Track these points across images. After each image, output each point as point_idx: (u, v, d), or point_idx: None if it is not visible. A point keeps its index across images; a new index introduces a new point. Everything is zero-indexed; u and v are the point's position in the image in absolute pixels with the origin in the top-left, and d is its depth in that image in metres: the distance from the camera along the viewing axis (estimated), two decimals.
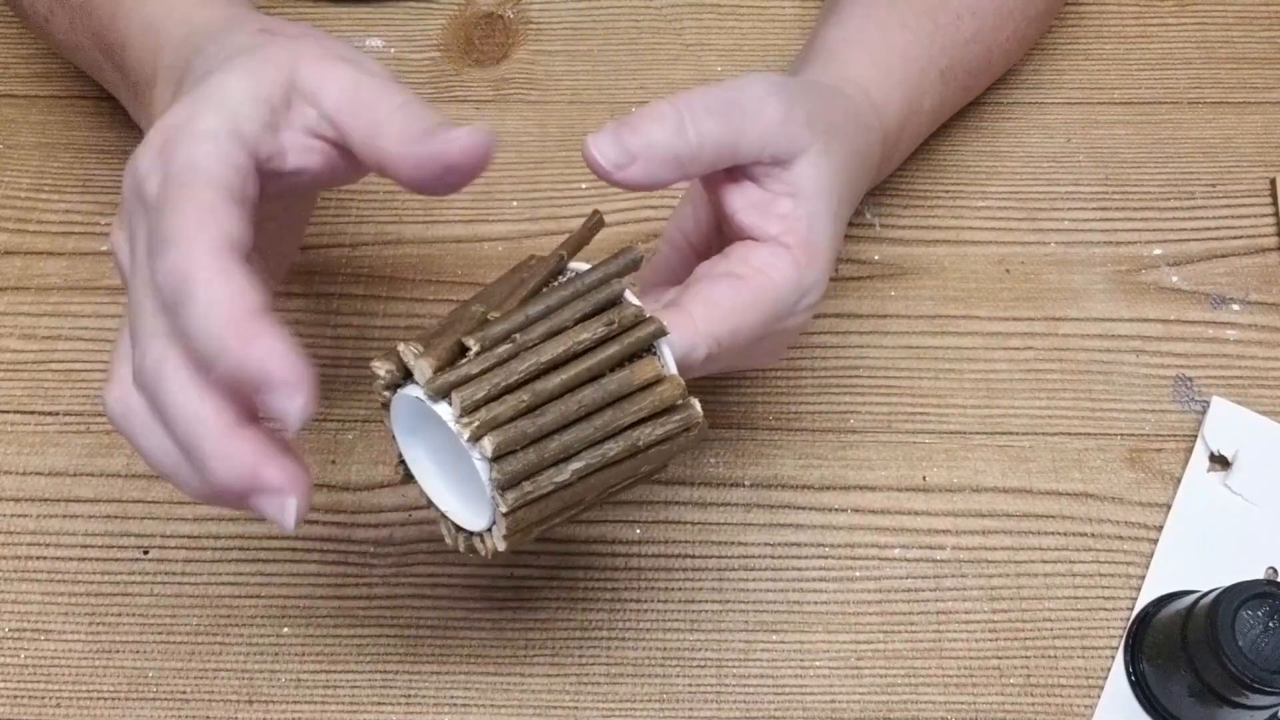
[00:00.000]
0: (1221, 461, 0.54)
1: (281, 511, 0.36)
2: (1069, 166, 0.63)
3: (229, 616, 0.52)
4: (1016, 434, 0.56)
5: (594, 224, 0.43)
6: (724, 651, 0.51)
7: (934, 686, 0.50)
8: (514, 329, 0.39)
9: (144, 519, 0.54)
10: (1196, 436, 0.55)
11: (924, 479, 0.55)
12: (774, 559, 0.53)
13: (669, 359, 0.40)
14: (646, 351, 0.40)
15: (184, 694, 0.50)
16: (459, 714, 0.50)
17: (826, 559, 0.53)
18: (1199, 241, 0.61)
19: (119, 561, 0.53)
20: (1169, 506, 0.54)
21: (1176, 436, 0.55)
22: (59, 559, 0.53)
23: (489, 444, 0.37)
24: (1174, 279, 0.60)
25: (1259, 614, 0.44)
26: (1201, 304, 0.59)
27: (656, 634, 0.51)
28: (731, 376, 0.57)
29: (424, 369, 0.38)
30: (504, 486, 0.38)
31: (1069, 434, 0.56)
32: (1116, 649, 0.51)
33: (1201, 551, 0.52)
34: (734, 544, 0.53)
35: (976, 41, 0.55)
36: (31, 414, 0.56)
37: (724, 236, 0.46)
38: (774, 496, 0.54)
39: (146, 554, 0.53)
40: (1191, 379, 0.57)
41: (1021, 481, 0.54)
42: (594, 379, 0.39)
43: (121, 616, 0.52)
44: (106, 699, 0.50)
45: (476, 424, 0.37)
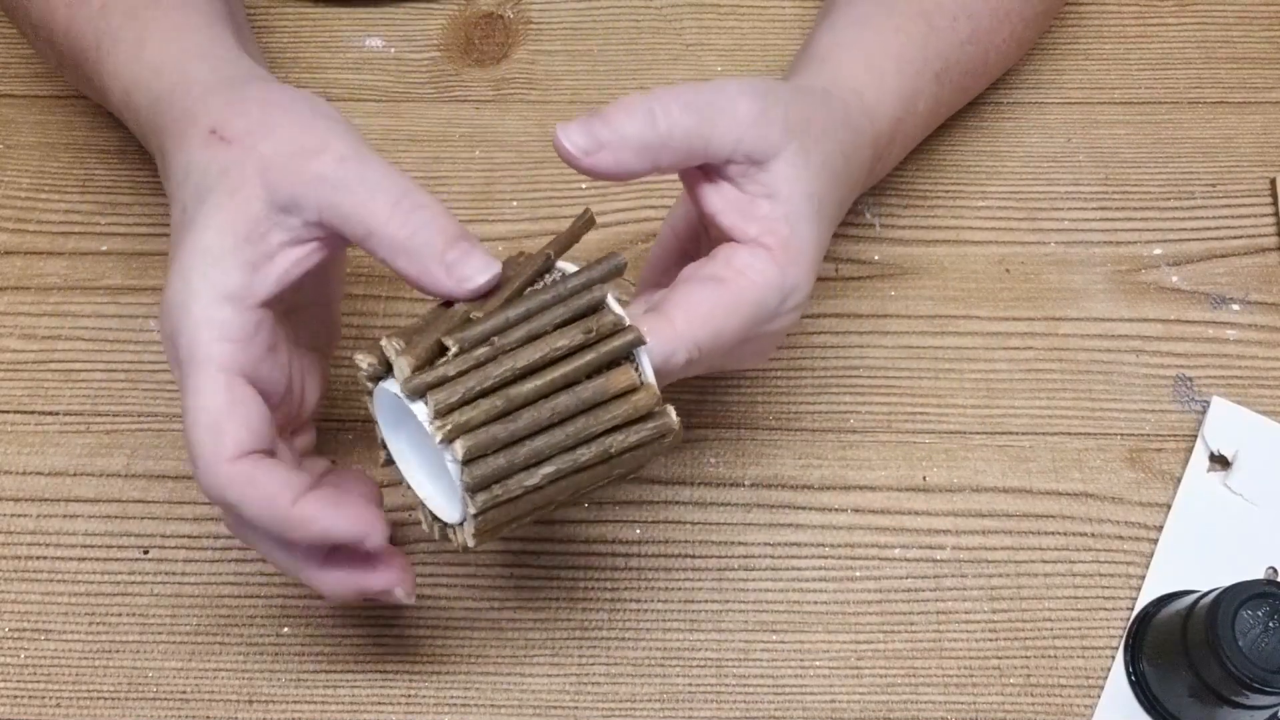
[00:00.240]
0: (1221, 461, 0.54)
1: (394, 599, 0.43)
2: (1069, 166, 0.63)
3: (229, 616, 0.52)
4: (1016, 434, 0.56)
5: (584, 222, 0.43)
6: (724, 651, 0.51)
7: (934, 686, 0.50)
8: (493, 331, 0.39)
9: (144, 519, 0.54)
10: (1196, 436, 0.55)
11: (924, 479, 0.55)
12: (774, 559, 0.53)
13: (647, 367, 0.40)
14: (625, 359, 0.40)
15: (184, 694, 0.50)
16: (459, 714, 0.50)
17: (826, 559, 0.53)
18: (1199, 241, 0.61)
19: (119, 561, 0.53)
20: (1169, 506, 0.54)
21: (1176, 436, 0.55)
22: (59, 559, 0.53)
23: (460, 447, 0.38)
24: (1174, 279, 0.60)
25: (1259, 614, 0.44)
26: (1201, 304, 0.59)
27: (656, 634, 0.51)
28: (731, 376, 0.57)
29: (403, 367, 0.38)
30: (474, 489, 0.38)
31: (1069, 434, 0.56)
32: (1116, 649, 0.51)
33: (1201, 551, 0.52)
34: (734, 544, 0.53)
35: (972, 43, 0.55)
36: (31, 414, 0.56)
37: (711, 238, 0.46)
38: (774, 496, 0.54)
39: (146, 554, 0.53)
40: (1191, 379, 0.57)
41: (1021, 481, 0.54)
42: (569, 386, 0.39)
43: (121, 616, 0.52)
44: (106, 699, 0.50)
45: (449, 427, 0.37)
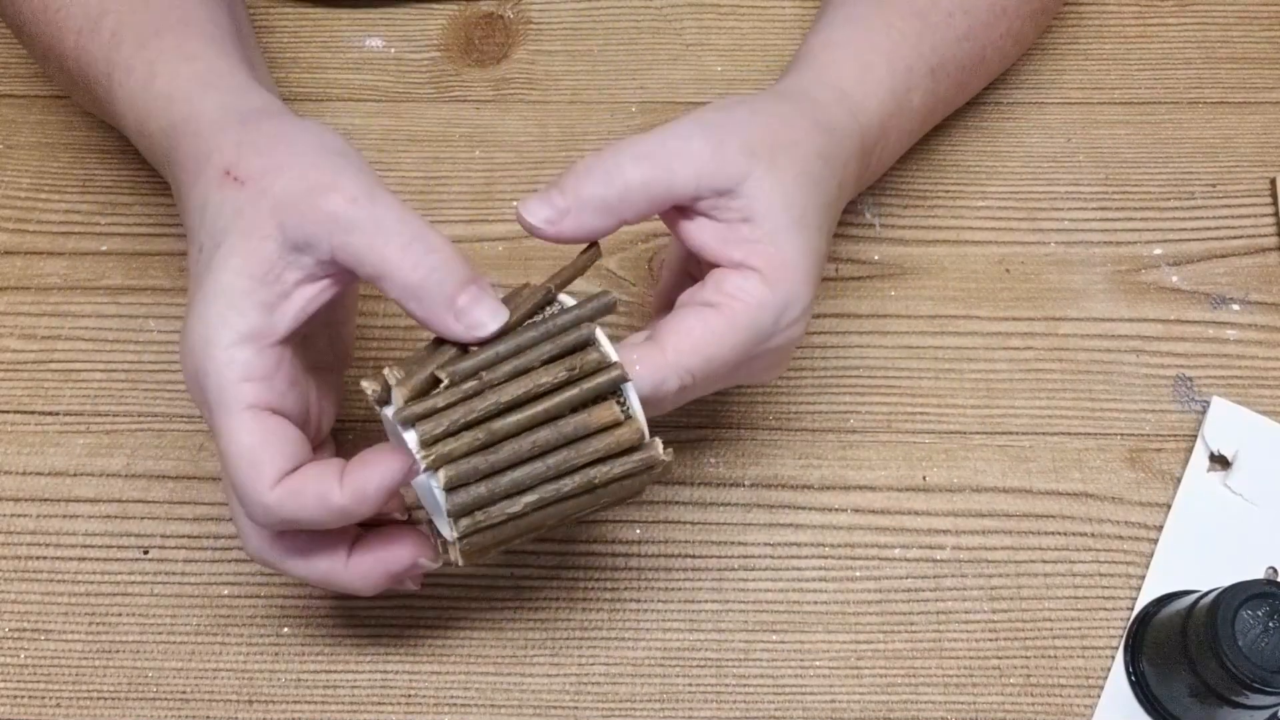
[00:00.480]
0: (1221, 461, 0.54)
1: (422, 569, 0.45)
2: (1069, 166, 0.63)
3: (229, 616, 0.52)
4: (1016, 434, 0.56)
5: (590, 255, 0.45)
6: (724, 651, 0.51)
7: (934, 686, 0.50)
8: (482, 366, 0.41)
9: (144, 519, 0.54)
10: (1196, 436, 0.55)
11: (924, 479, 0.55)
12: (774, 559, 0.53)
13: (634, 402, 0.42)
14: (610, 395, 0.41)
15: (184, 694, 0.50)
16: (459, 714, 0.50)
17: (826, 559, 0.53)
18: (1199, 241, 0.61)
19: (119, 561, 0.53)
20: (1169, 506, 0.54)
21: (1176, 436, 0.55)
22: (59, 559, 0.53)
23: (442, 476, 0.40)
24: (1174, 279, 0.60)
25: (1259, 614, 0.44)
26: (1201, 304, 0.59)
27: (656, 634, 0.51)
28: None
29: (398, 398, 0.41)
30: (456, 514, 0.40)
31: (1069, 434, 0.56)
32: (1116, 649, 0.51)
33: (1201, 551, 0.52)
34: (734, 544, 0.53)
35: (969, 39, 0.55)
36: (31, 414, 0.56)
37: (703, 267, 0.47)
38: (774, 496, 0.54)
39: (146, 554, 0.53)
40: (1191, 379, 0.57)
41: (1021, 481, 0.54)
42: (551, 420, 0.41)
43: (121, 616, 0.52)
44: (106, 699, 0.50)
45: (433, 457, 0.40)
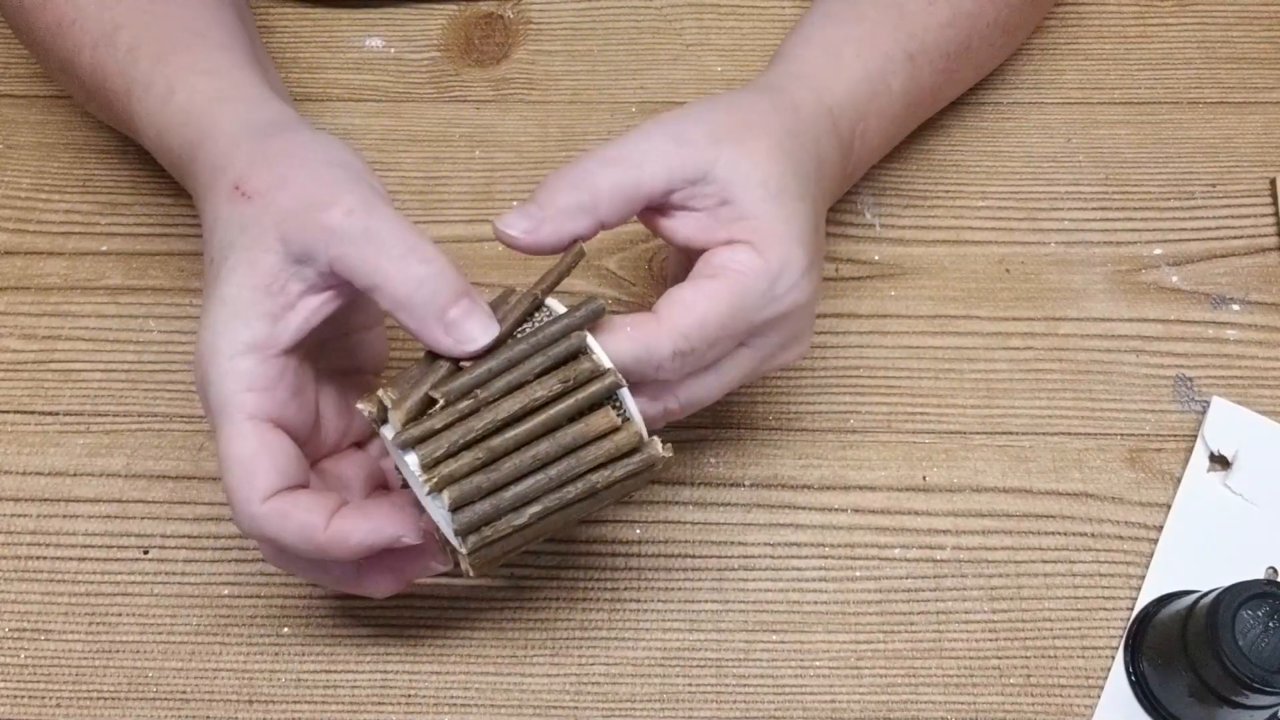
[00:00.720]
0: (1221, 461, 0.54)
1: (433, 572, 0.46)
2: (1069, 166, 0.63)
3: (229, 616, 0.52)
4: (1016, 434, 0.56)
5: (574, 257, 0.45)
6: (724, 651, 0.51)
7: (934, 686, 0.50)
8: (476, 384, 0.41)
9: (144, 519, 0.54)
10: (1196, 436, 0.55)
11: (924, 479, 0.55)
12: (774, 559, 0.53)
13: (630, 406, 0.42)
14: (606, 401, 0.42)
15: (184, 694, 0.50)
16: (459, 714, 0.50)
17: (826, 559, 0.53)
18: (1199, 241, 0.61)
19: (119, 561, 0.53)
20: (1169, 506, 0.54)
21: (1176, 436, 0.55)
22: (59, 559, 0.53)
23: (447, 498, 0.40)
24: (1174, 279, 0.60)
25: (1259, 614, 0.44)
26: (1201, 304, 0.59)
27: (656, 634, 0.51)
28: None
29: (395, 421, 0.41)
30: (463, 532, 0.41)
31: (1069, 434, 0.56)
32: (1116, 649, 0.51)
33: (1201, 551, 0.52)
34: (734, 544, 0.53)
35: (953, 26, 0.55)
36: (31, 414, 0.56)
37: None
38: (774, 496, 0.54)
39: (146, 554, 0.53)
40: (1191, 379, 0.57)
41: (1021, 481, 0.54)
42: (549, 432, 0.41)
43: (121, 616, 0.52)
44: (106, 699, 0.50)
45: (436, 479, 0.40)
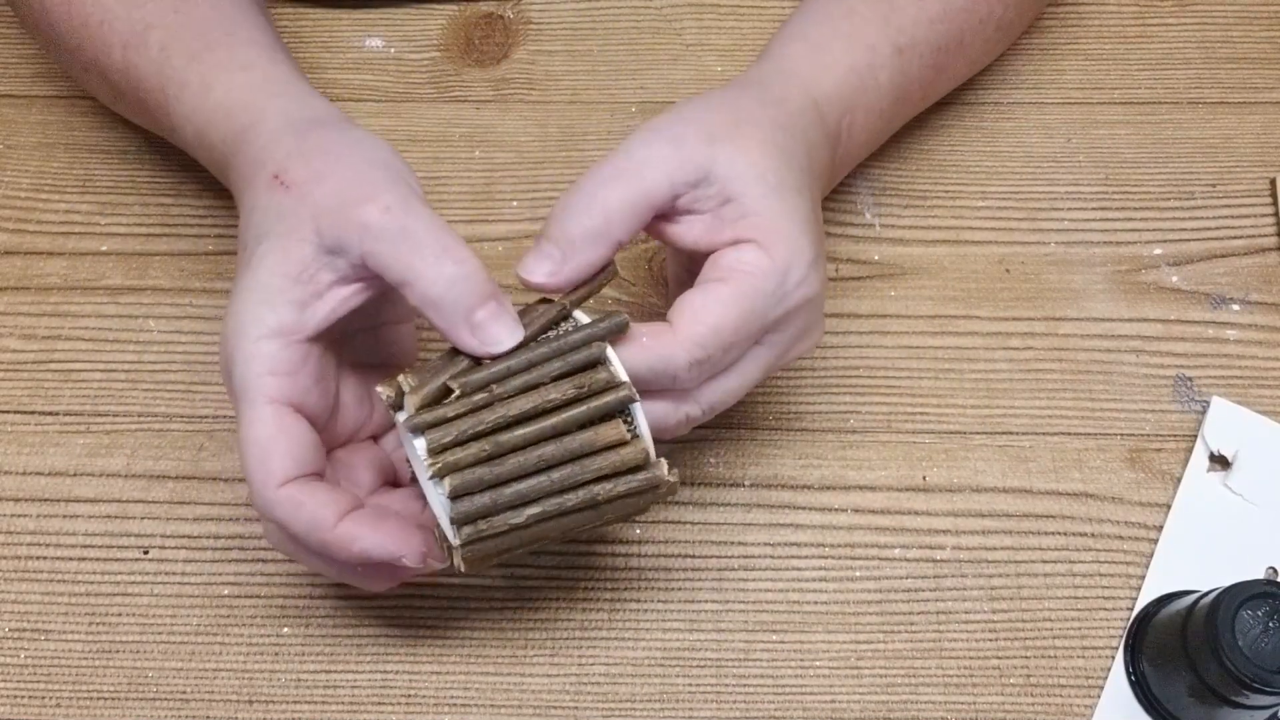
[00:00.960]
0: (1221, 461, 0.54)
1: (432, 569, 0.44)
2: (1069, 166, 0.63)
3: (229, 616, 0.52)
4: (1016, 434, 0.56)
5: (606, 275, 0.45)
6: (724, 651, 0.51)
7: (934, 686, 0.50)
8: (493, 379, 0.42)
9: (144, 519, 0.54)
10: (1196, 436, 0.55)
11: (924, 479, 0.55)
12: (774, 559, 0.53)
13: (642, 423, 0.42)
14: (618, 414, 0.42)
15: (184, 694, 0.50)
16: (459, 714, 0.50)
17: (826, 559, 0.53)
18: (1199, 241, 0.61)
19: (119, 561, 0.53)
20: (1169, 506, 0.54)
21: (1176, 436, 0.55)
22: (59, 559, 0.53)
23: (447, 485, 0.41)
24: (1174, 279, 0.60)
25: (1259, 614, 0.44)
26: (1201, 304, 0.59)
27: (656, 634, 0.51)
28: None
29: (410, 405, 0.41)
30: (459, 522, 0.41)
31: (1069, 434, 0.56)
32: (1116, 649, 0.51)
33: (1201, 551, 0.52)
34: (734, 544, 0.53)
35: (944, 21, 0.56)
36: (31, 414, 0.56)
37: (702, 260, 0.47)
38: (774, 496, 0.54)
39: (146, 554, 0.53)
40: (1191, 379, 0.57)
41: (1021, 481, 0.54)
42: (557, 436, 0.41)
43: (121, 616, 0.52)
44: (106, 699, 0.50)
45: (439, 465, 0.41)
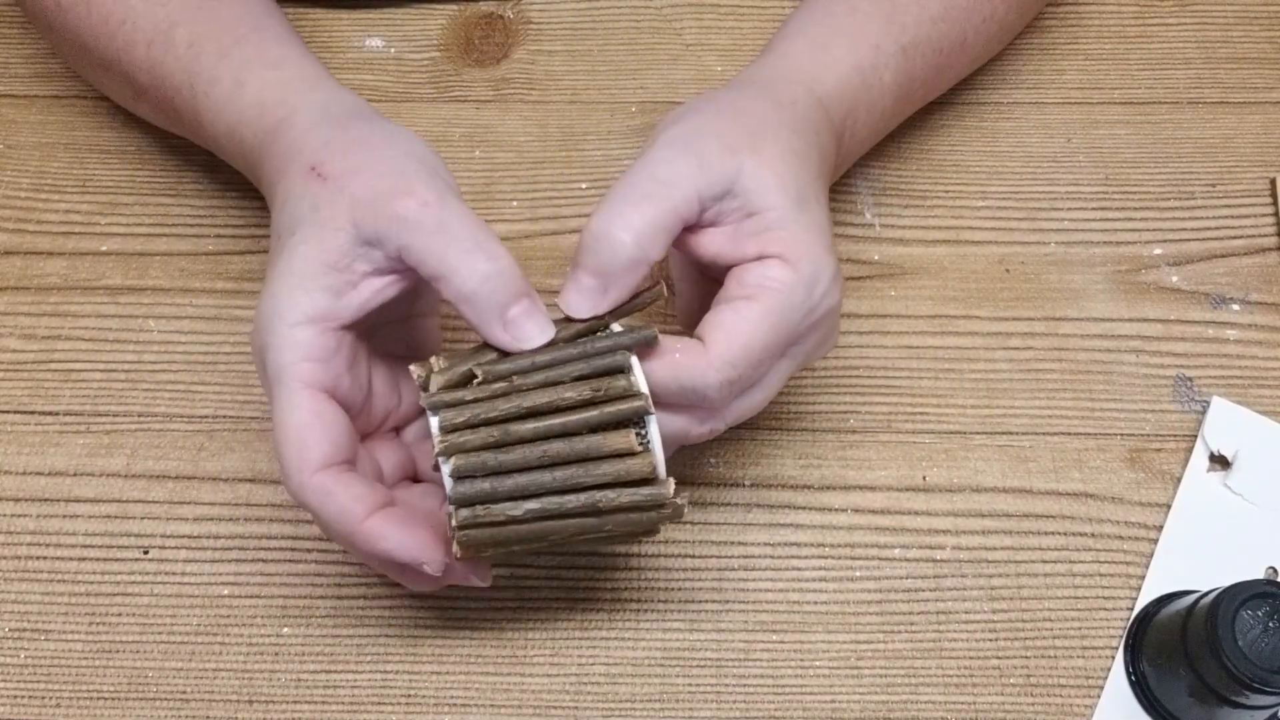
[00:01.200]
0: (1221, 461, 0.54)
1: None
2: (1069, 166, 0.63)
3: (229, 616, 0.52)
4: (1016, 434, 0.56)
5: (652, 295, 0.45)
6: (724, 651, 0.51)
7: (934, 686, 0.50)
8: (516, 371, 0.42)
9: (144, 519, 0.54)
10: (1196, 436, 0.55)
11: (924, 479, 0.55)
12: (774, 559, 0.53)
13: (654, 437, 0.42)
14: (632, 424, 0.42)
15: (184, 694, 0.50)
16: (459, 714, 0.50)
17: (826, 559, 0.53)
18: (1199, 241, 0.61)
19: (119, 561, 0.53)
20: (1169, 506, 0.54)
21: (1176, 436, 0.55)
22: (59, 559, 0.53)
23: (451, 464, 0.41)
24: (1174, 279, 0.60)
25: (1259, 614, 0.44)
26: (1201, 304, 0.59)
27: (656, 634, 0.51)
28: None
29: (434, 385, 0.42)
30: (458, 504, 0.41)
31: (1069, 434, 0.56)
32: (1116, 649, 0.51)
33: (1201, 551, 0.52)
34: (734, 544, 0.53)
35: (945, 21, 0.56)
36: (31, 414, 0.56)
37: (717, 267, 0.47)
38: (774, 496, 0.54)
39: (146, 554, 0.53)
40: (1191, 379, 0.57)
41: (1021, 481, 0.54)
42: (566, 435, 0.42)
43: (121, 616, 0.52)
44: (106, 699, 0.50)
45: (447, 444, 0.41)
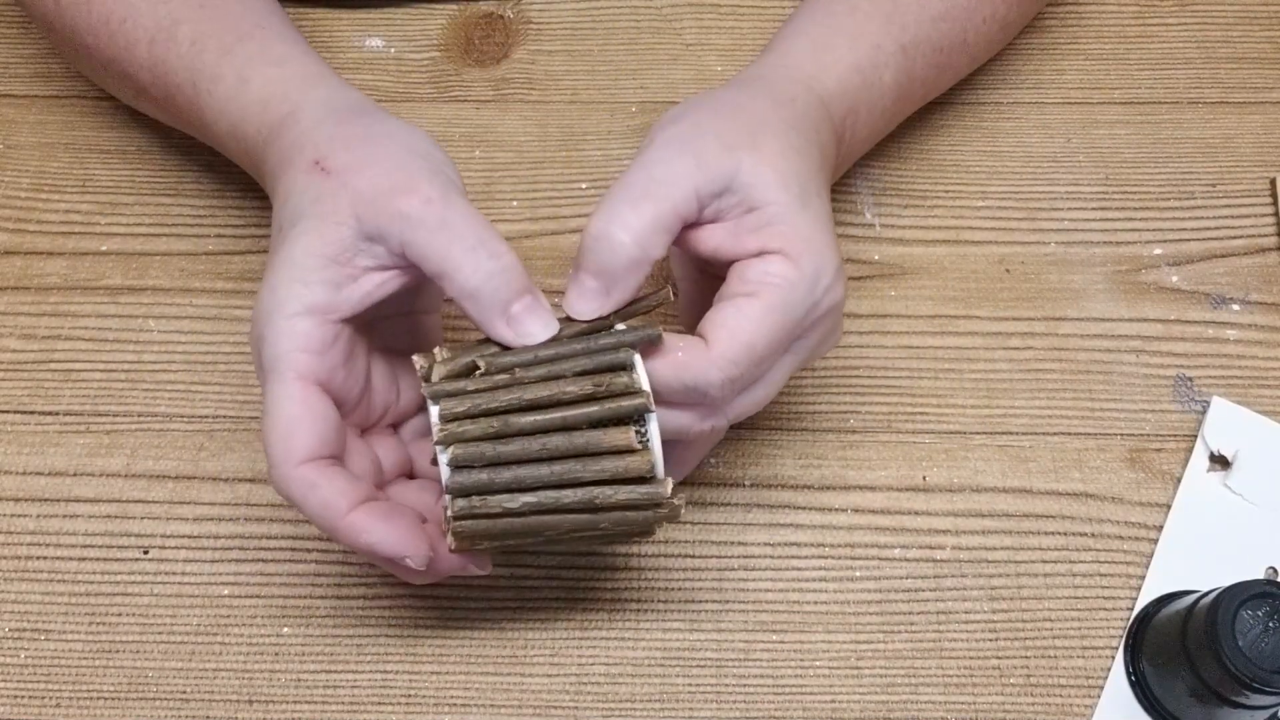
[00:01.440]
0: (1221, 461, 0.54)
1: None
2: (1069, 166, 0.63)
3: (229, 616, 0.52)
4: (1016, 434, 0.56)
5: (659, 297, 0.45)
6: (724, 651, 0.51)
7: (934, 686, 0.50)
8: (519, 363, 0.42)
9: (144, 519, 0.54)
10: (1196, 436, 0.55)
11: (924, 479, 0.55)
12: (774, 559, 0.53)
13: (654, 436, 0.42)
14: (632, 421, 0.42)
15: (184, 694, 0.50)
16: (459, 714, 0.50)
17: (826, 559, 0.53)
18: (1199, 241, 0.61)
19: (119, 561, 0.53)
20: (1169, 506, 0.54)
21: (1176, 436, 0.55)
22: (59, 559, 0.53)
23: (450, 453, 0.41)
24: (1174, 279, 0.60)
25: (1259, 614, 0.44)
26: (1201, 304, 0.59)
27: (656, 634, 0.51)
28: None
29: (437, 375, 0.42)
30: (454, 493, 0.41)
31: (1069, 434, 0.56)
32: (1116, 649, 0.51)
33: (1201, 551, 0.52)
34: (734, 544, 0.53)
35: (946, 20, 0.55)
36: (31, 414, 0.56)
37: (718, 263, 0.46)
38: (774, 496, 0.54)
39: (146, 554, 0.53)
40: (1191, 379, 0.57)
41: (1021, 481, 0.54)
42: (566, 429, 0.41)
43: (121, 616, 0.52)
44: (106, 699, 0.50)
45: (446, 433, 0.41)
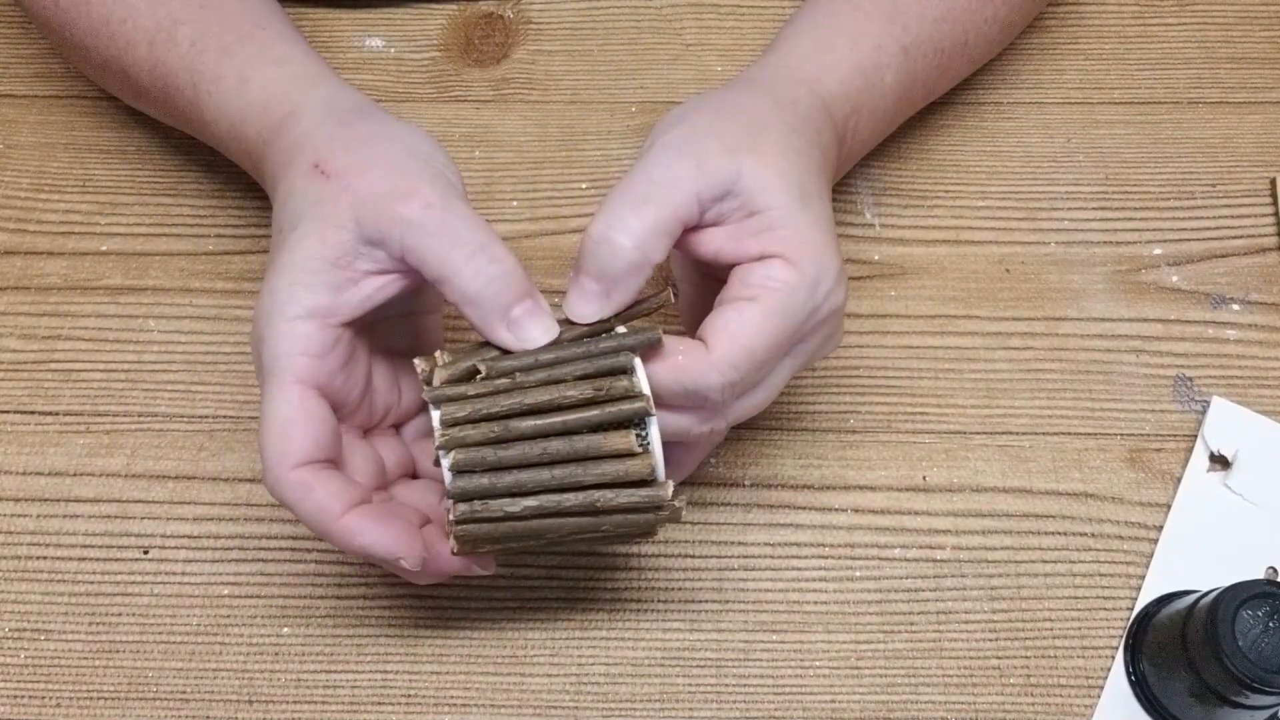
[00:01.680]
0: (1221, 461, 0.54)
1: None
2: (1069, 166, 0.63)
3: (229, 616, 0.52)
4: (1016, 434, 0.56)
5: (660, 299, 0.45)
6: (724, 651, 0.51)
7: (934, 686, 0.50)
8: (519, 368, 0.42)
9: (144, 519, 0.54)
10: (1196, 436, 0.55)
11: (924, 479, 0.55)
12: (774, 559, 0.53)
13: (654, 439, 0.42)
14: (633, 426, 0.42)
15: (184, 694, 0.50)
16: (459, 714, 0.50)
17: (826, 559, 0.53)
18: (1199, 241, 0.61)
19: (119, 561, 0.53)
20: (1169, 506, 0.54)
21: (1176, 436, 0.55)
22: (59, 559, 0.53)
23: (451, 458, 0.41)
24: (1174, 279, 0.60)
25: (1259, 614, 0.44)
26: (1201, 304, 0.59)
27: (656, 634, 0.51)
28: None
29: (437, 379, 0.42)
30: (456, 498, 0.41)
31: (1069, 434, 0.56)
32: (1116, 649, 0.51)
33: (1201, 551, 0.52)
34: (734, 544, 0.53)
35: (948, 21, 0.55)
36: (31, 414, 0.56)
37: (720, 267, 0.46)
38: (774, 496, 0.54)
39: (146, 554, 0.53)
40: (1191, 379, 0.57)
41: (1021, 481, 0.54)
42: (567, 434, 0.42)
43: (121, 616, 0.52)
44: (106, 699, 0.50)
45: (447, 438, 0.41)
